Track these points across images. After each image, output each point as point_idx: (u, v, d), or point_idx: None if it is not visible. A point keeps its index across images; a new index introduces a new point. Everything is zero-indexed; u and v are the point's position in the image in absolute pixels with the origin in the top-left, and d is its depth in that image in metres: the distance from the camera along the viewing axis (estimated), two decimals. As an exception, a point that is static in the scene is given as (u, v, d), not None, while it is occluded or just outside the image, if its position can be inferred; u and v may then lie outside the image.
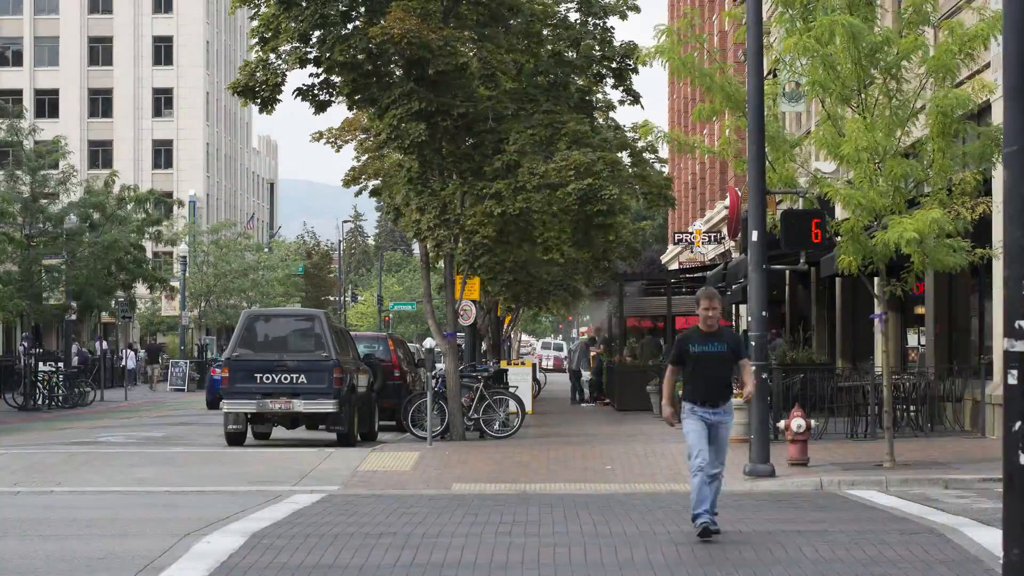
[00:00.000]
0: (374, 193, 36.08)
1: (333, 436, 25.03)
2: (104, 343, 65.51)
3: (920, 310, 27.62)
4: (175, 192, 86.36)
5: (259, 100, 24.35)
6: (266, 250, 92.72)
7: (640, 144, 33.66)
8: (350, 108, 27.77)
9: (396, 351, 31.37)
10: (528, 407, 30.24)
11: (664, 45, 19.21)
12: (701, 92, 22.57)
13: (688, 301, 47.30)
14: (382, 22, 23.21)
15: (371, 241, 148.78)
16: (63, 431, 30.38)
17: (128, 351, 65.81)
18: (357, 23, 24.31)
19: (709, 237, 55.67)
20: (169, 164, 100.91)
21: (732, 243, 46.80)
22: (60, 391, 41.87)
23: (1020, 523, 7.90)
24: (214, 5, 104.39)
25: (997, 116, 20.48)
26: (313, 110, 25.11)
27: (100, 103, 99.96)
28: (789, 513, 14.59)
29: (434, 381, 24.61)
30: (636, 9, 27.89)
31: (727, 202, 42.21)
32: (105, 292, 53.45)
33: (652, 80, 49.02)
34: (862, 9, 18.22)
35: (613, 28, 27.58)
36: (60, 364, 44.33)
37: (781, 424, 19.51)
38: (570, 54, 27.12)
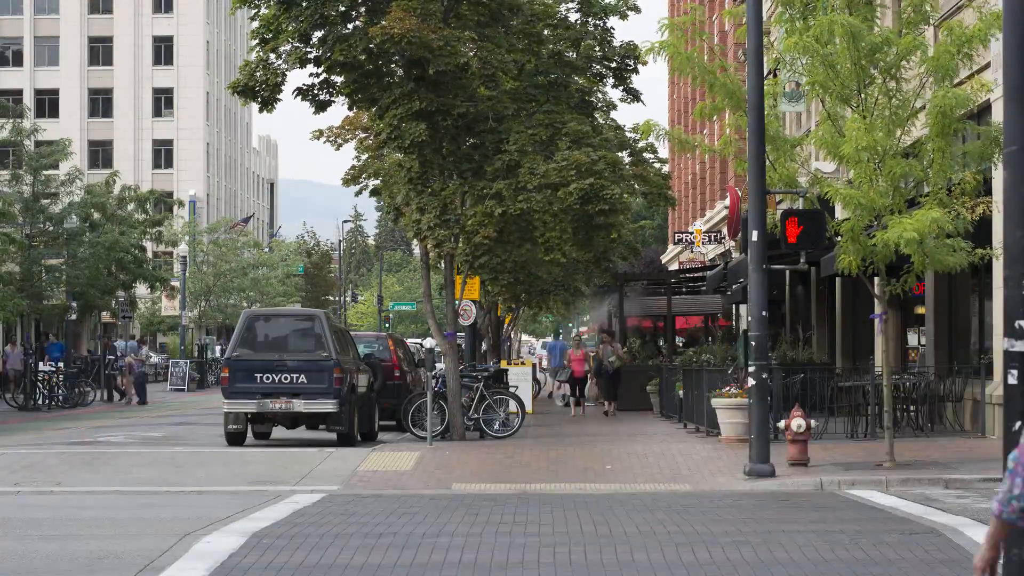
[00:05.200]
0: (374, 193, 36.04)
1: (333, 436, 25.03)
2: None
3: (920, 310, 27.61)
4: (175, 192, 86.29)
5: (259, 100, 24.34)
6: (266, 250, 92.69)
7: (640, 144, 33.65)
8: (350, 108, 27.77)
9: (396, 351, 31.36)
10: (528, 407, 30.23)
11: (668, 40, 19.20)
12: (702, 91, 22.54)
13: (688, 301, 47.43)
14: (382, 22, 23.20)
15: (371, 241, 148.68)
16: (63, 431, 30.38)
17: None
18: (357, 23, 24.30)
19: (709, 237, 55.66)
20: (169, 164, 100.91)
21: (732, 243, 46.79)
22: (60, 391, 41.88)
23: (1020, 523, 7.89)
24: (214, 5, 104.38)
25: (997, 116, 20.47)
26: (313, 110, 25.11)
27: (100, 103, 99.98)
28: (789, 513, 14.59)
29: (434, 381, 24.61)
30: (636, 9, 27.88)
31: (727, 202, 42.19)
32: (106, 292, 53.42)
33: (652, 80, 49.10)
34: (862, 9, 18.23)
35: (613, 28, 27.62)
36: (60, 364, 44.35)
37: (781, 424, 19.51)
38: (570, 54, 27.11)
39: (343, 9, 24.05)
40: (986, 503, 14.95)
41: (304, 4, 23.63)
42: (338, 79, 24.68)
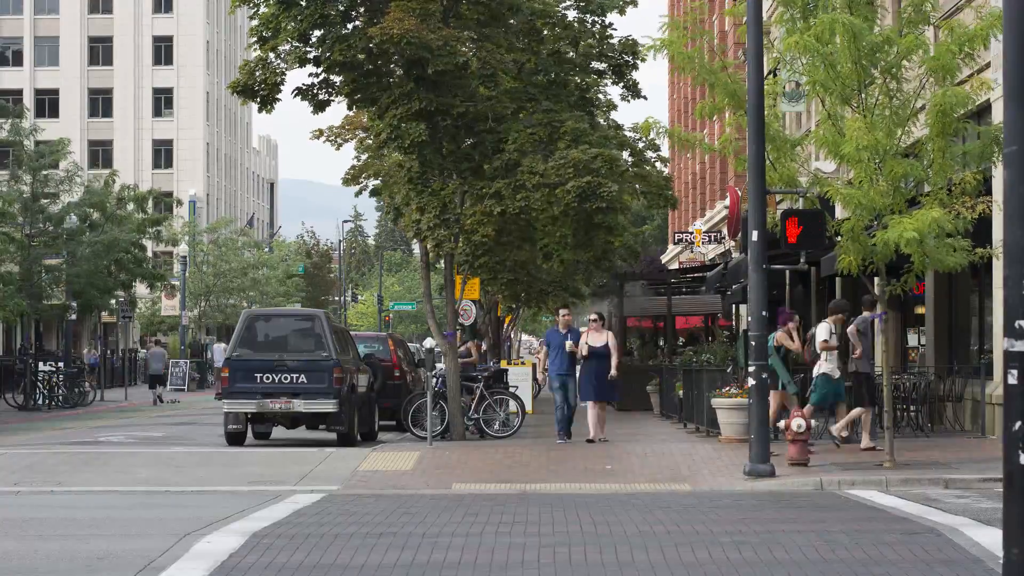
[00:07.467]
0: (374, 193, 36.09)
1: (333, 436, 25.03)
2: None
3: (920, 310, 27.61)
4: (175, 192, 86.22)
5: (258, 99, 24.32)
6: (266, 249, 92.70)
7: (641, 143, 33.62)
8: (350, 108, 27.76)
9: (396, 351, 31.36)
10: (528, 407, 30.22)
11: (669, 38, 19.19)
12: (702, 91, 22.53)
13: (688, 301, 47.42)
14: (382, 22, 23.19)
15: (371, 241, 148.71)
16: (63, 431, 30.38)
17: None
18: (357, 23, 24.29)
19: (709, 237, 55.66)
20: (169, 164, 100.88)
21: (732, 243, 46.79)
22: (60, 391, 41.86)
23: (1020, 523, 7.89)
24: (214, 5, 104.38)
25: (997, 116, 20.48)
26: (312, 110, 25.10)
27: (100, 103, 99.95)
28: (789, 513, 14.59)
29: (434, 381, 24.61)
30: (634, 3, 27.82)
31: (727, 202, 42.18)
32: (105, 292, 53.42)
33: (652, 80, 49.02)
34: (862, 8, 18.21)
35: (612, 25, 27.55)
36: (60, 364, 44.32)
37: (781, 424, 19.49)
38: (570, 53, 27.08)
39: (343, 9, 24.05)
40: (986, 503, 14.96)
41: (304, 3, 23.63)
42: (338, 79, 24.66)
